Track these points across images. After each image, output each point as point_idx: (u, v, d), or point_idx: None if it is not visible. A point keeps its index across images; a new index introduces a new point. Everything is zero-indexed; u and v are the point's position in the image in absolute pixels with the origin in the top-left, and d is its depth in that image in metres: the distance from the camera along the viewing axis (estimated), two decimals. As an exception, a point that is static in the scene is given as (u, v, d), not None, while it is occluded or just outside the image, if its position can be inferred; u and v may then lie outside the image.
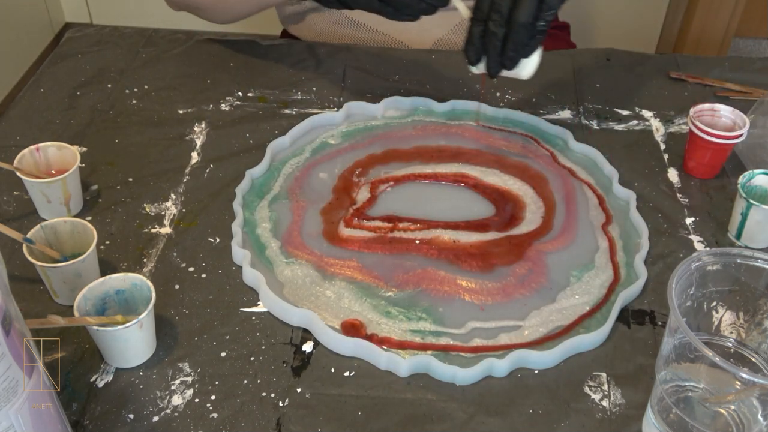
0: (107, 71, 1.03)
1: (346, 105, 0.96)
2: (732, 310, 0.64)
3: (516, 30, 0.76)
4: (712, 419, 0.60)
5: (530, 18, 0.75)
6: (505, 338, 0.71)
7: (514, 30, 0.76)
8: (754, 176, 0.81)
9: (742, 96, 1.01)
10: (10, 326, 0.49)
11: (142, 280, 0.67)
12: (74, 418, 0.63)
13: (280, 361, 0.68)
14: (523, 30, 0.76)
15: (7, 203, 0.83)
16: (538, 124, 0.96)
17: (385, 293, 0.74)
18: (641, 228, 0.81)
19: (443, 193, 0.86)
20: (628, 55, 1.10)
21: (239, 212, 0.81)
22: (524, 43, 0.77)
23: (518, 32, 0.76)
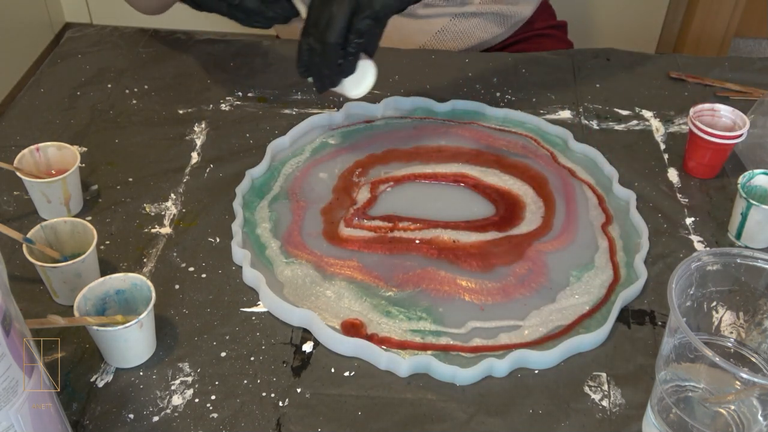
0: (107, 71, 1.03)
1: (346, 105, 0.96)
2: (732, 310, 0.64)
3: (326, 51, 0.78)
4: (712, 419, 0.60)
5: (337, 39, 0.76)
6: (505, 338, 0.71)
7: (324, 48, 0.77)
8: (754, 176, 0.81)
9: (742, 96, 1.01)
10: (10, 326, 0.49)
11: (142, 280, 0.67)
12: (74, 418, 0.63)
13: (280, 361, 0.68)
14: (331, 50, 0.77)
15: (7, 203, 0.83)
16: (538, 124, 0.96)
17: (385, 293, 0.74)
18: (641, 228, 0.81)
19: (443, 193, 0.86)
20: (628, 55, 1.10)
21: (239, 212, 0.81)
22: (335, 63, 0.79)
23: (328, 51, 0.77)
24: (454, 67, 1.06)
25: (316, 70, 0.81)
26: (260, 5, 0.84)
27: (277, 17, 0.85)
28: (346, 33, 0.77)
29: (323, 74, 0.81)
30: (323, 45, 0.77)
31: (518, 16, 1.18)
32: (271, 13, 0.84)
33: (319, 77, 0.81)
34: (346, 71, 0.81)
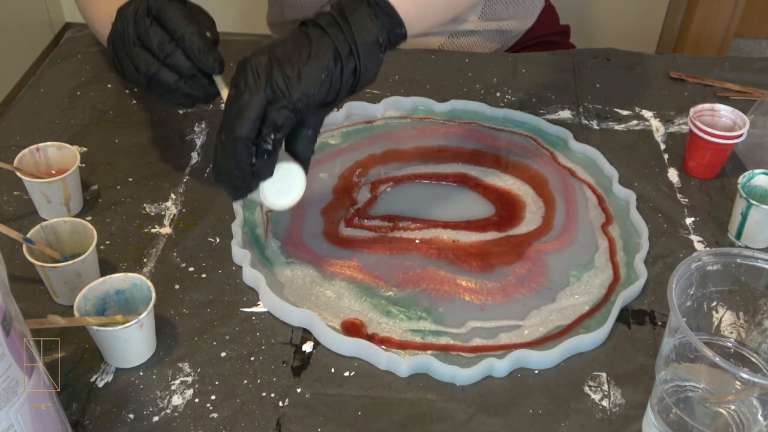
0: (107, 71, 1.03)
1: (346, 105, 0.96)
2: (732, 310, 0.64)
3: (233, 148, 0.65)
4: (712, 419, 0.60)
5: (247, 132, 0.64)
6: (505, 338, 0.71)
7: (232, 144, 0.65)
8: (754, 176, 0.81)
9: (742, 96, 1.01)
10: (10, 326, 0.49)
11: (142, 280, 0.67)
12: (74, 418, 0.63)
13: (280, 361, 0.68)
14: (240, 145, 0.64)
15: (7, 203, 0.83)
16: (538, 124, 0.96)
17: (385, 293, 0.74)
18: (641, 228, 0.81)
19: (443, 193, 0.86)
20: (628, 55, 1.10)
21: (239, 212, 0.81)
22: (246, 162, 0.65)
23: (237, 147, 0.65)
24: (454, 67, 1.06)
25: (225, 172, 0.67)
26: (177, 80, 0.73)
27: (195, 95, 0.75)
28: (258, 126, 0.65)
29: (234, 176, 0.66)
30: (233, 140, 0.64)
31: (516, 31, 1.18)
32: (188, 89, 0.74)
33: (230, 180, 0.67)
34: (261, 173, 0.67)
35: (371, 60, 0.68)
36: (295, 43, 0.67)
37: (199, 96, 0.75)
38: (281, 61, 0.65)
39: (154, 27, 0.73)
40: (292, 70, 0.65)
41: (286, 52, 0.66)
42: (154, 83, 0.74)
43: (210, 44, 0.73)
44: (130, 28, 0.74)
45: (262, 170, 0.67)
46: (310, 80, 0.65)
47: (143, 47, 0.73)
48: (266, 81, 0.64)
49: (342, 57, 0.66)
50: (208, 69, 0.73)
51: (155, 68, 0.73)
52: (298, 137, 0.69)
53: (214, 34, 0.76)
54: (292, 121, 0.66)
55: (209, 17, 0.78)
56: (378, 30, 0.67)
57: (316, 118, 0.69)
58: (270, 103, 0.64)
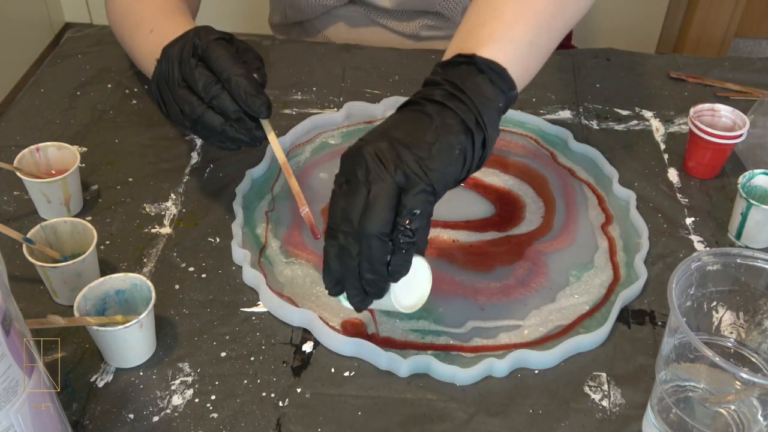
0: (107, 71, 1.03)
1: (346, 105, 0.96)
2: (732, 310, 0.64)
3: (366, 245, 0.58)
4: (712, 419, 0.60)
5: (382, 228, 0.57)
6: (504, 338, 0.71)
7: (365, 243, 0.58)
8: (754, 176, 0.81)
9: (742, 96, 1.01)
10: (10, 326, 0.49)
11: (142, 280, 0.67)
12: (74, 418, 0.63)
13: (280, 361, 0.68)
14: (375, 242, 0.57)
15: (7, 203, 0.83)
16: (538, 124, 0.96)
17: (385, 293, 0.74)
18: (641, 228, 0.81)
19: (443, 193, 0.86)
20: (628, 55, 1.10)
21: (239, 212, 0.81)
22: (382, 261, 0.58)
23: (370, 245, 0.57)
24: (454, 67, 1.06)
25: (353, 280, 0.59)
26: (223, 123, 0.70)
27: (242, 139, 0.72)
28: (393, 218, 0.58)
29: (367, 281, 0.59)
30: (366, 238, 0.57)
31: None
32: (234, 133, 0.71)
33: (359, 288, 0.60)
34: (399, 272, 0.59)
35: (495, 129, 0.62)
36: (413, 121, 0.61)
37: (246, 140, 0.72)
38: (406, 142, 0.59)
39: (199, 68, 0.70)
40: (421, 150, 0.58)
41: (408, 132, 0.60)
42: (200, 126, 0.71)
43: (257, 86, 0.70)
44: (175, 69, 0.71)
45: (400, 269, 0.59)
46: (445, 158, 0.59)
47: (188, 89, 0.71)
48: (395, 165, 0.58)
49: (471, 129, 0.60)
50: (255, 113, 0.70)
51: (200, 111, 0.70)
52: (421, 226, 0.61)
53: (261, 75, 0.73)
54: (431, 206, 0.59)
55: (257, 55, 0.75)
56: (496, 96, 0.62)
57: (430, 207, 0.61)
58: (404, 189, 0.58)
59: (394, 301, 0.62)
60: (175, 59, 0.72)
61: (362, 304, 0.62)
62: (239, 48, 0.74)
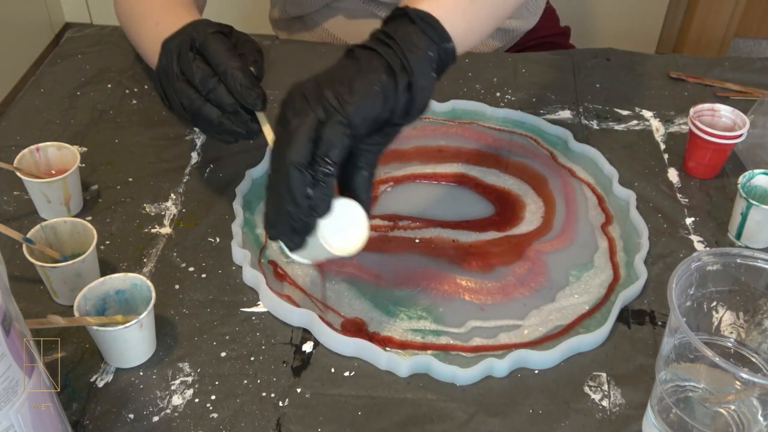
0: (107, 71, 1.03)
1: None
2: (732, 310, 0.64)
3: (286, 176, 0.59)
4: (712, 419, 0.60)
5: (300, 157, 0.59)
6: (504, 337, 0.71)
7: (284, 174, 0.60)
8: (754, 176, 0.81)
9: (742, 96, 1.01)
10: (10, 326, 0.49)
11: (142, 280, 0.67)
12: (74, 418, 0.63)
13: (280, 361, 0.68)
14: (294, 172, 0.59)
15: (7, 203, 0.83)
16: (538, 124, 0.96)
17: (385, 292, 0.74)
18: (641, 228, 0.81)
19: (443, 193, 0.86)
20: (628, 55, 1.10)
21: (239, 212, 0.81)
22: (302, 193, 0.60)
23: (288, 175, 0.59)
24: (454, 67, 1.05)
25: (279, 212, 0.61)
26: (220, 116, 0.71)
27: (238, 131, 0.72)
28: (312, 149, 0.59)
29: (289, 215, 0.60)
30: (285, 168, 0.59)
31: (519, 30, 1.18)
32: (230, 125, 0.72)
33: (285, 222, 0.61)
34: (319, 205, 0.60)
35: (424, 76, 0.63)
36: (341, 65, 0.63)
37: (242, 132, 0.72)
38: (329, 81, 0.61)
39: (197, 61, 0.72)
40: (342, 86, 0.61)
41: (333, 74, 0.62)
42: (198, 119, 0.73)
43: (253, 79, 0.71)
44: (173, 62, 0.73)
45: (320, 202, 0.60)
46: (362, 93, 0.61)
47: (187, 82, 0.72)
48: (316, 101, 0.60)
49: (395, 71, 0.62)
50: (250, 105, 0.71)
51: (198, 104, 0.72)
52: (356, 181, 0.65)
53: (258, 68, 0.73)
54: (348, 139, 0.60)
55: (256, 47, 0.75)
56: (427, 44, 0.64)
57: (371, 156, 0.65)
58: (322, 122, 0.60)
59: (323, 243, 0.62)
60: (173, 53, 0.73)
61: (292, 241, 0.62)
62: (238, 40, 0.75)
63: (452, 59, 0.67)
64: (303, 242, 0.63)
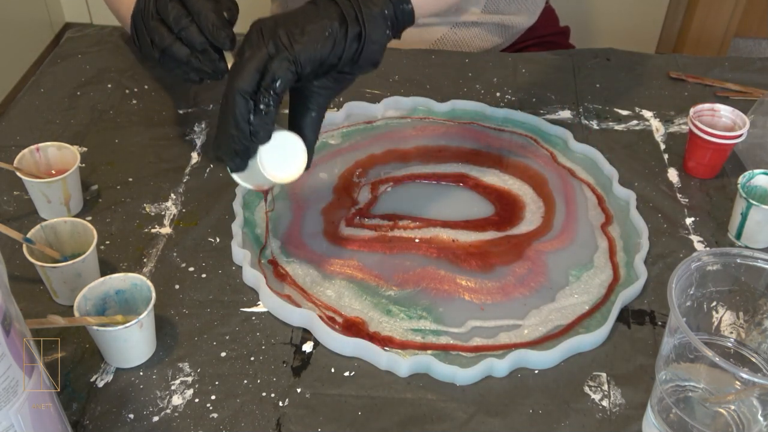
0: (107, 71, 1.03)
1: (346, 105, 0.96)
2: (732, 310, 0.64)
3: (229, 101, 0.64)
4: (712, 419, 0.60)
5: (245, 85, 0.63)
6: (504, 337, 0.71)
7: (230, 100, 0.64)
8: (754, 176, 0.81)
9: (742, 96, 1.01)
10: (10, 326, 0.49)
11: (142, 280, 0.67)
12: (74, 418, 0.63)
13: (280, 361, 0.68)
14: (239, 98, 0.63)
15: (7, 203, 0.83)
16: (538, 124, 0.96)
17: (385, 292, 0.74)
18: (641, 228, 0.81)
19: (443, 193, 0.86)
20: (628, 55, 1.10)
21: (239, 212, 0.81)
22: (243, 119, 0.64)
23: (234, 100, 0.63)
24: (454, 67, 1.06)
25: (223, 133, 0.65)
26: (188, 54, 0.74)
27: (205, 70, 0.75)
28: (258, 80, 0.64)
29: (232, 138, 0.65)
30: (231, 94, 0.64)
31: (519, 27, 1.18)
32: (198, 64, 0.75)
33: (228, 143, 0.65)
34: (259, 132, 0.64)
35: (376, 30, 0.68)
36: (301, 9, 0.68)
37: (209, 71, 0.76)
38: (286, 21, 0.66)
39: (173, 2, 0.75)
40: (296, 27, 0.65)
41: (291, 16, 0.67)
42: (167, 56, 0.75)
43: (224, 21, 0.74)
44: (150, 3, 0.76)
45: (260, 129, 0.65)
46: (313, 35, 0.65)
47: (161, 21, 0.75)
48: (270, 37, 0.65)
49: (347, 21, 0.66)
50: (220, 44, 0.74)
51: (169, 41, 0.75)
52: (304, 120, 0.70)
53: (232, 15, 0.77)
54: (292, 75, 0.64)
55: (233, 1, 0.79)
56: (383, 2, 0.68)
57: (321, 98, 0.70)
58: (272, 57, 0.64)
59: (261, 168, 0.66)
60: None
61: (233, 162, 0.67)
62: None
63: (410, 20, 0.71)
64: (243, 165, 0.67)
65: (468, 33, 1.15)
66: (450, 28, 1.14)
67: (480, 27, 1.15)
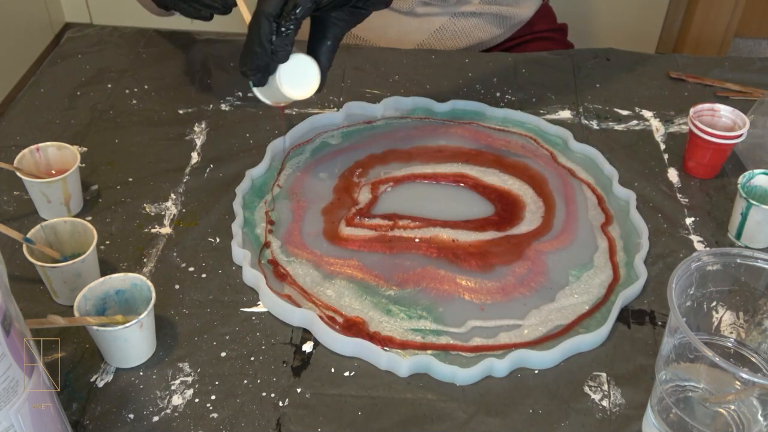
0: (107, 71, 1.03)
1: (346, 105, 0.96)
2: (732, 310, 0.64)
3: (256, 22, 0.73)
4: (712, 419, 0.60)
5: (272, 9, 0.72)
6: (504, 337, 0.71)
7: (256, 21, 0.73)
8: (754, 176, 0.81)
9: (742, 96, 1.01)
10: (10, 326, 0.49)
11: (142, 280, 0.67)
12: (74, 418, 0.63)
13: (280, 361, 0.68)
14: (264, 19, 0.72)
15: (7, 203, 0.83)
16: (538, 124, 0.96)
17: (385, 291, 0.74)
18: (641, 228, 0.81)
19: (443, 193, 0.86)
20: (628, 55, 1.10)
21: (239, 212, 0.81)
22: (267, 39, 0.73)
23: (259, 21, 0.73)
24: (454, 67, 1.06)
25: (249, 54, 0.74)
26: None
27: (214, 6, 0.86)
28: (282, 6, 0.72)
29: (255, 54, 0.74)
30: (257, 15, 0.73)
31: (517, 18, 1.18)
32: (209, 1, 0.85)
33: (252, 59, 0.74)
34: (279, 50, 0.74)
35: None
36: None
37: (218, 6, 0.84)
38: None
39: None
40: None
41: None
42: None
43: None
44: None
45: (280, 48, 0.73)
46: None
47: None
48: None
49: None
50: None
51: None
52: (320, 47, 0.78)
53: None
54: (311, 3, 0.72)
55: None
56: None
57: (337, 29, 0.78)
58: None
59: (279, 84, 0.76)
60: None
61: (255, 77, 0.76)
62: None
63: None
64: (264, 80, 0.76)
65: (467, 23, 1.15)
66: (449, 18, 1.14)
67: (479, 17, 1.15)
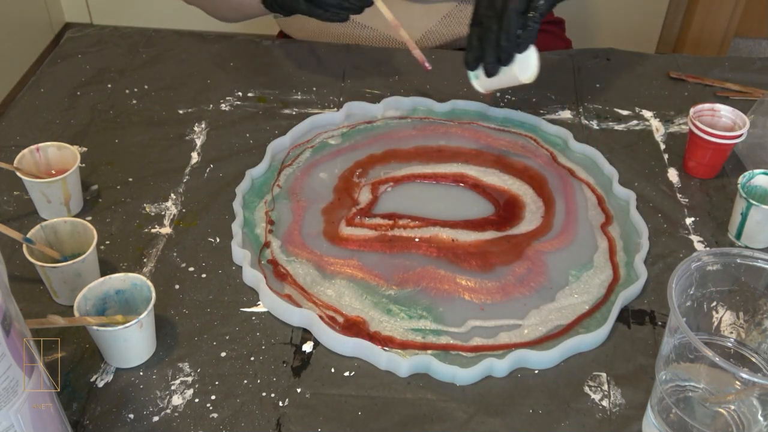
0: (107, 71, 1.03)
1: (346, 105, 0.96)
2: (732, 310, 0.64)
3: (507, 18, 0.78)
4: (712, 419, 0.60)
5: (521, 7, 0.78)
6: (504, 337, 0.71)
7: (505, 19, 0.78)
8: (754, 176, 0.81)
9: (742, 96, 1.01)
10: (10, 326, 0.49)
11: (142, 280, 0.67)
12: (74, 418, 0.63)
13: (280, 361, 0.68)
14: (514, 16, 0.78)
15: (7, 203, 0.83)
16: (538, 124, 0.96)
17: (385, 291, 0.74)
18: (641, 228, 0.81)
19: (443, 193, 0.86)
20: (628, 55, 1.10)
21: (239, 212, 0.81)
22: (513, 33, 0.79)
23: (509, 20, 0.78)
24: (454, 67, 1.06)
25: (491, 49, 0.80)
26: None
27: (353, 7, 0.89)
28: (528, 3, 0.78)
29: (500, 49, 0.80)
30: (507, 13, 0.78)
31: None
32: (348, 3, 0.88)
33: (494, 55, 0.80)
34: (525, 43, 0.80)
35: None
36: None
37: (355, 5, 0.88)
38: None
39: None
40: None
41: None
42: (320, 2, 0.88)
43: None
44: None
45: (526, 41, 0.80)
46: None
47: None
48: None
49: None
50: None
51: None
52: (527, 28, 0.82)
53: None
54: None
55: None
56: None
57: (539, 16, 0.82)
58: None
59: (517, 72, 0.82)
60: None
61: (494, 69, 0.83)
62: None
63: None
64: (497, 70, 0.83)
65: None
66: (456, 5, 1.14)
67: None
